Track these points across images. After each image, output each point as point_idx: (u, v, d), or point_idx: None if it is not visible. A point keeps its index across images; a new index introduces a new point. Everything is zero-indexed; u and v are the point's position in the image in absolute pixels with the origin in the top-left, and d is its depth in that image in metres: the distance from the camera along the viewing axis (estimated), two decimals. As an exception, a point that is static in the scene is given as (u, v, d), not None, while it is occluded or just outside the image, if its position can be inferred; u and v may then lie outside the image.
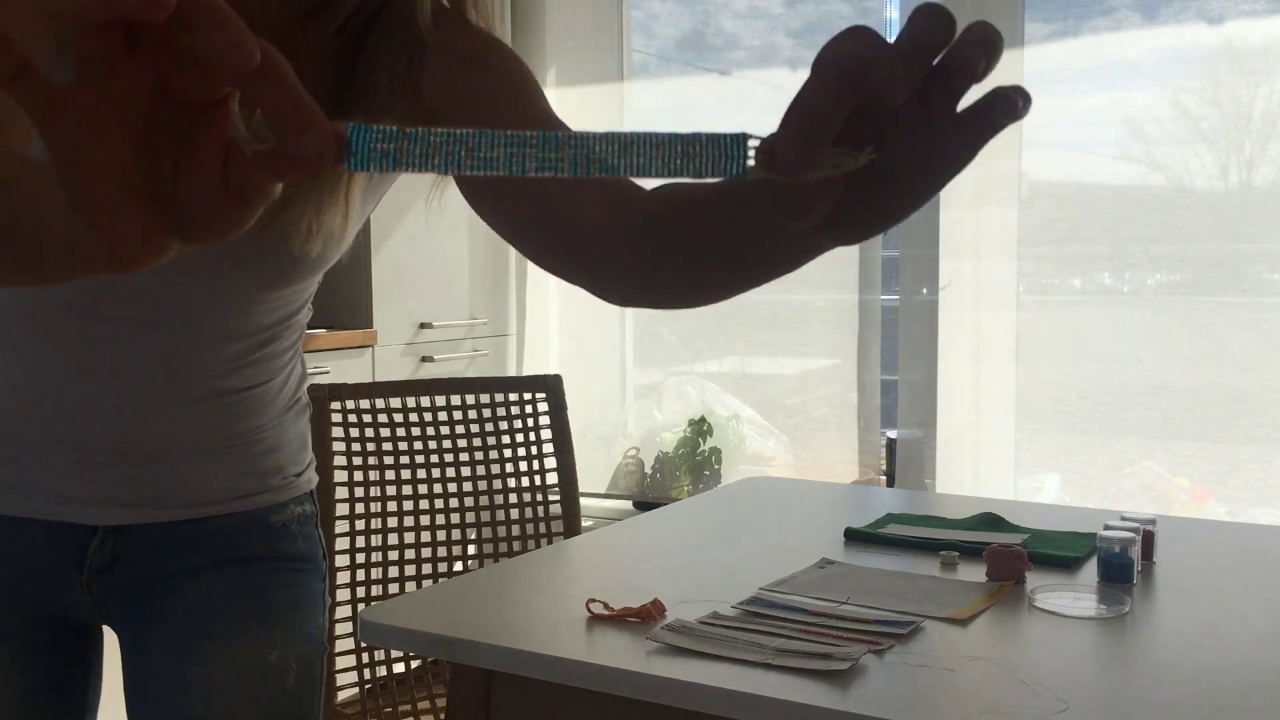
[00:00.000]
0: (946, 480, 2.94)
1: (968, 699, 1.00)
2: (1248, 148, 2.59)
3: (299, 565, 1.13)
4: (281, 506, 1.12)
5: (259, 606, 1.10)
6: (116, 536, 1.05)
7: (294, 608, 1.12)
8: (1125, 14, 2.71)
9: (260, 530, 1.10)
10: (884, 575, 1.37)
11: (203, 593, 1.08)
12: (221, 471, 1.07)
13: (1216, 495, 2.69)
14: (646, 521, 1.69)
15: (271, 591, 1.11)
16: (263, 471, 1.10)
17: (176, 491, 1.05)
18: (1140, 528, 1.40)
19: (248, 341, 1.04)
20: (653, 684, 1.04)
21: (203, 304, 1.00)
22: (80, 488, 1.02)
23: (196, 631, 1.08)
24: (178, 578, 1.08)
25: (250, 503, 1.10)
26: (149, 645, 1.09)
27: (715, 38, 3.24)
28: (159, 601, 1.08)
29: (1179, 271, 2.69)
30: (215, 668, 1.08)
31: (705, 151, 0.44)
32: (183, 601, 1.08)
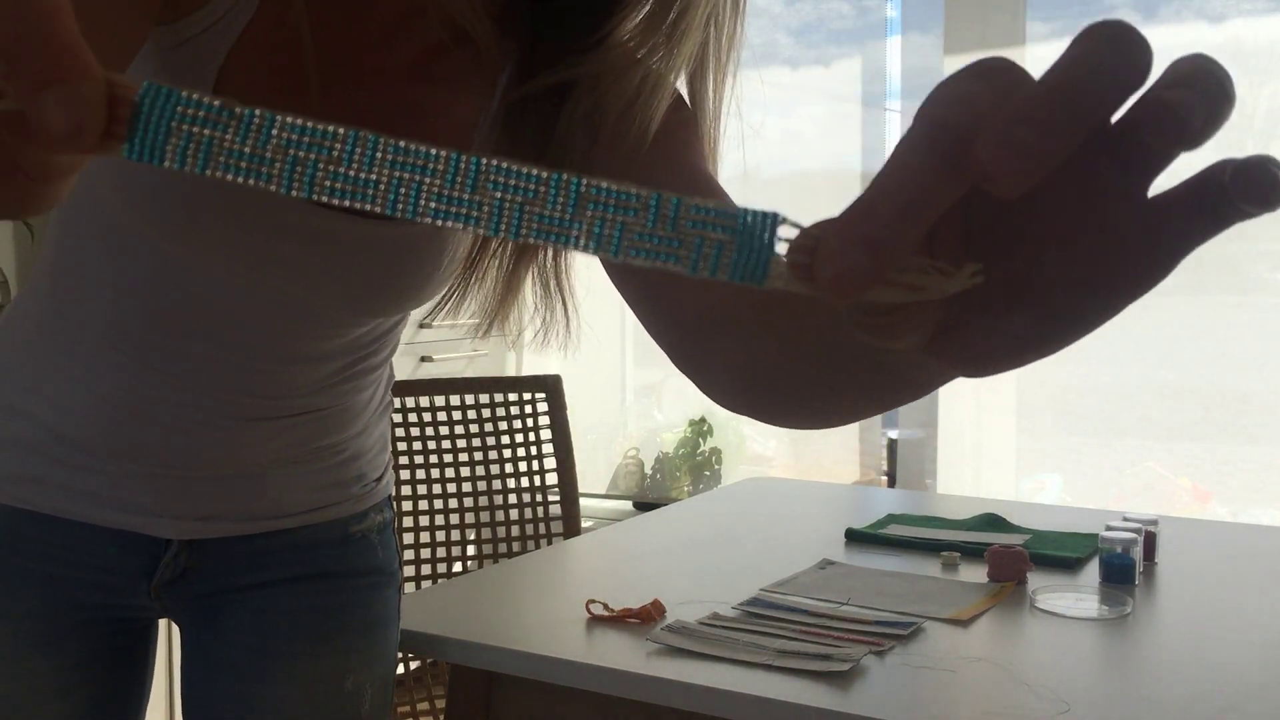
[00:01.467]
0: (947, 481, 2.93)
1: (969, 700, 1.00)
2: (1249, 147, 2.59)
3: (377, 579, 1.07)
4: (362, 516, 1.06)
5: (335, 628, 1.05)
6: (191, 550, 1.00)
7: (371, 627, 1.07)
8: (1124, 14, 2.70)
9: (339, 543, 1.05)
10: (885, 576, 1.36)
11: (277, 608, 1.03)
12: (303, 484, 1.01)
13: (1218, 495, 2.68)
14: (646, 522, 1.68)
15: (348, 611, 1.05)
16: (345, 481, 1.04)
17: (255, 505, 1.00)
18: (1142, 528, 1.40)
19: (343, 360, 0.98)
20: (653, 685, 1.04)
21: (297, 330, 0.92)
22: (155, 501, 0.97)
23: (269, 650, 1.03)
24: (251, 591, 1.03)
25: (331, 513, 1.04)
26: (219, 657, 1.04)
27: (716, 37, 3.23)
28: (231, 612, 1.03)
29: (1180, 271, 2.66)
30: (288, 690, 1.04)
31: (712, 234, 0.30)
32: (255, 615, 1.03)
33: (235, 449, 0.96)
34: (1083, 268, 0.32)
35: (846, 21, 3.08)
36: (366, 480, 1.06)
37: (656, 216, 0.29)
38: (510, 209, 0.29)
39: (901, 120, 3.00)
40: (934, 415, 2.95)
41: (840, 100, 3.10)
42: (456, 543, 2.04)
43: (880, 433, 3.11)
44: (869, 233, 0.28)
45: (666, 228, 0.29)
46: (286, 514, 1.01)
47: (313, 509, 1.02)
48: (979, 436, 2.92)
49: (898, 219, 0.28)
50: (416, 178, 0.29)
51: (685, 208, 0.29)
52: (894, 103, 3.01)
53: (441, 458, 2.04)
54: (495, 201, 0.29)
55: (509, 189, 0.29)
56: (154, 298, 0.89)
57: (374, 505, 1.07)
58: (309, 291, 0.87)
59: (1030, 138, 0.26)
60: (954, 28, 2.87)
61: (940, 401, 2.93)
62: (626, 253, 0.29)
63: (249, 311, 0.89)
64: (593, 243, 0.29)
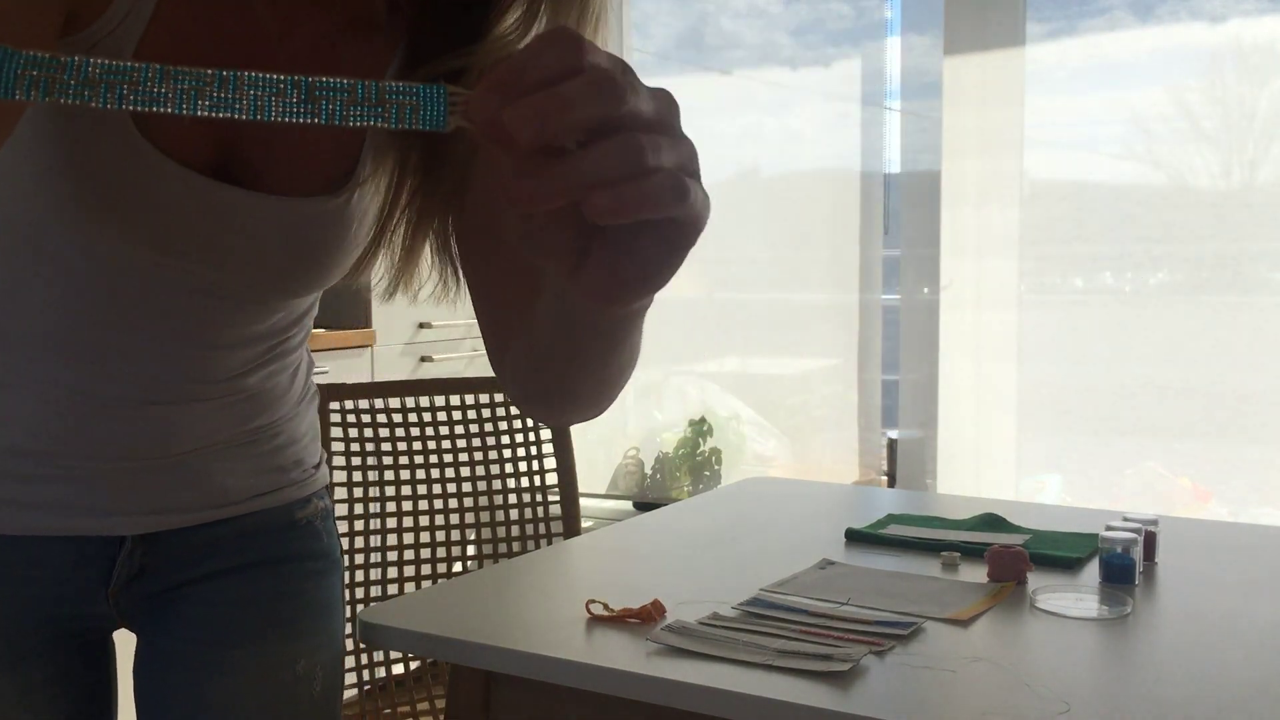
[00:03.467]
0: (948, 481, 2.93)
1: (969, 700, 1.00)
2: (1250, 147, 2.59)
3: (324, 565, 1.11)
4: (304, 502, 1.10)
5: (285, 613, 1.07)
6: (145, 546, 1.03)
7: (320, 612, 1.10)
8: (1125, 13, 2.70)
9: (285, 529, 1.08)
10: (885, 576, 1.36)
11: (228, 599, 1.06)
12: (245, 469, 1.05)
13: (1219, 495, 2.68)
14: (646, 522, 1.68)
15: (298, 597, 1.08)
16: (284, 466, 1.08)
17: (202, 493, 1.03)
18: (1142, 528, 1.40)
19: (267, 343, 1.03)
20: (653, 685, 1.04)
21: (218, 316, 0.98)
22: (108, 499, 1.00)
23: (221, 641, 1.05)
24: (202, 583, 1.05)
25: (274, 499, 1.08)
26: (171, 654, 1.06)
27: (714, 37, 3.23)
28: (183, 608, 1.06)
29: (1181, 271, 2.68)
30: (240, 680, 1.06)
31: (404, 100, 0.46)
32: (207, 608, 1.06)
33: (176, 431, 0.99)
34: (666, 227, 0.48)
35: (845, 22, 3.08)
36: (305, 466, 1.10)
37: (363, 95, 0.45)
38: (263, 101, 0.43)
39: (901, 120, 3.00)
40: (934, 415, 2.95)
41: (839, 100, 3.09)
42: (456, 543, 2.04)
43: (880, 433, 3.11)
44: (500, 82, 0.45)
45: (372, 99, 0.45)
46: (232, 501, 1.04)
47: (257, 494, 1.06)
48: (979, 436, 2.92)
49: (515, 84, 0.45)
50: (195, 87, 0.42)
51: (383, 88, 0.45)
52: (893, 102, 3.01)
53: (441, 458, 2.04)
54: (251, 98, 0.43)
55: (260, 88, 0.43)
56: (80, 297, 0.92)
57: (315, 492, 1.11)
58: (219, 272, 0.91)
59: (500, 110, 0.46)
60: (953, 28, 2.87)
61: (940, 401, 2.93)
62: (346, 120, 0.45)
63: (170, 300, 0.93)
64: (323, 116, 0.44)
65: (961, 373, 2.92)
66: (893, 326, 3.05)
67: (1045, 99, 2.79)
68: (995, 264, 2.87)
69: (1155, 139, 2.68)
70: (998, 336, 2.88)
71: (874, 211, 3.06)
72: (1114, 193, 2.75)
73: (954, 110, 2.86)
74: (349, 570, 1.90)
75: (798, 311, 3.17)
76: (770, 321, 3.22)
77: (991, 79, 2.83)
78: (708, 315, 3.31)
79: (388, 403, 2.01)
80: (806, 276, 3.14)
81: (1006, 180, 2.84)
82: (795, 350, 3.19)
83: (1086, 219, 2.78)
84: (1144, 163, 2.70)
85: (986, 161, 2.84)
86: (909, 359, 3.01)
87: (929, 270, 2.95)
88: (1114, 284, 2.78)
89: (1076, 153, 2.79)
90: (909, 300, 3.00)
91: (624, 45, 3.35)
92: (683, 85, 3.30)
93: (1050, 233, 2.81)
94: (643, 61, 3.35)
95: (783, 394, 3.24)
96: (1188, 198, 2.66)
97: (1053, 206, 2.81)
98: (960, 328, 2.91)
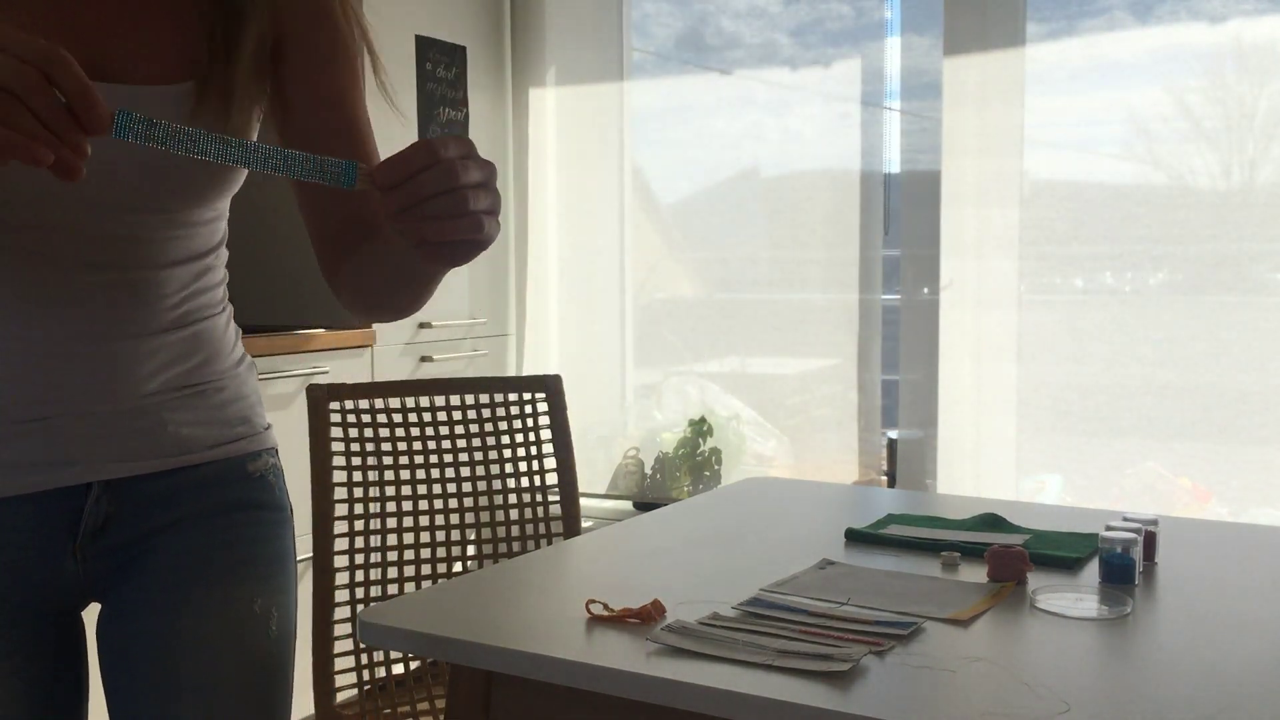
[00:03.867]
0: (947, 481, 2.93)
1: (969, 700, 1.00)
2: (1250, 147, 2.59)
3: (278, 515, 1.19)
4: (256, 455, 1.18)
5: (242, 557, 1.14)
6: (109, 494, 1.08)
7: (274, 559, 1.17)
8: (1124, 14, 2.70)
9: (239, 480, 1.16)
10: (885, 576, 1.36)
11: (188, 545, 1.12)
12: (195, 418, 1.12)
13: (1219, 495, 2.68)
14: (646, 522, 1.68)
15: (253, 543, 1.15)
16: (231, 420, 1.16)
17: (160, 442, 1.10)
18: (1142, 528, 1.40)
19: (189, 269, 1.12)
20: (653, 685, 1.04)
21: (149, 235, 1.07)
22: (69, 447, 1.05)
23: (183, 583, 1.11)
24: (164, 532, 1.11)
25: (227, 450, 1.15)
26: (136, 603, 1.11)
27: (714, 37, 3.23)
28: (146, 557, 1.11)
29: (1181, 271, 2.68)
30: (202, 619, 1.11)
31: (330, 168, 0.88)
32: (169, 555, 1.11)
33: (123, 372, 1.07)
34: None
35: (845, 22, 3.08)
36: (253, 424, 1.19)
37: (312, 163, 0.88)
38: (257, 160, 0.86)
39: (901, 120, 3.00)
40: (934, 415, 2.95)
41: (839, 100, 3.10)
42: (456, 543, 2.04)
43: (880, 433, 3.11)
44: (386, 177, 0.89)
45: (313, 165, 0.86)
46: (188, 450, 1.12)
47: (213, 445, 1.14)
48: (979, 436, 2.92)
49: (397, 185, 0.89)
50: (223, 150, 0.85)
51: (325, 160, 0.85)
52: (893, 103, 3.01)
53: (442, 458, 2.04)
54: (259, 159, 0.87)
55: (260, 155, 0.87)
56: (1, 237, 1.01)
57: (265, 449, 1.19)
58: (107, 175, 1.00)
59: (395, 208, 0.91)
60: (953, 28, 2.87)
61: (940, 402, 2.93)
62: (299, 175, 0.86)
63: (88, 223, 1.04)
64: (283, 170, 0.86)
65: (961, 373, 2.92)
66: (893, 327, 3.05)
67: (1045, 99, 2.79)
68: (995, 264, 2.87)
69: (1155, 139, 2.68)
70: (998, 336, 2.89)
71: (874, 212, 3.06)
72: (1114, 193, 2.75)
73: (954, 110, 2.86)
74: (348, 570, 1.90)
75: (798, 311, 3.17)
76: (770, 321, 3.22)
77: (991, 79, 2.83)
78: (708, 315, 3.31)
79: (388, 403, 2.01)
80: (806, 276, 3.14)
81: (1006, 180, 2.84)
82: (795, 350, 3.19)
83: (1086, 219, 2.78)
84: (1144, 163, 2.70)
85: (986, 162, 2.84)
86: (909, 359, 3.01)
87: (929, 270, 2.96)
88: (1114, 284, 2.78)
89: (1076, 153, 2.79)
90: (909, 300, 3.00)
91: (625, 45, 3.35)
92: (683, 85, 3.30)
93: (1050, 233, 2.81)
94: (643, 61, 3.35)
95: (783, 394, 3.24)
96: (1188, 198, 2.66)
97: (1053, 207, 2.81)
98: (960, 328, 2.91)
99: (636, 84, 3.36)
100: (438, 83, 3.13)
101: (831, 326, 3.12)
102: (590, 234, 3.44)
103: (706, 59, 3.24)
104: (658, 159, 3.39)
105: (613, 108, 3.36)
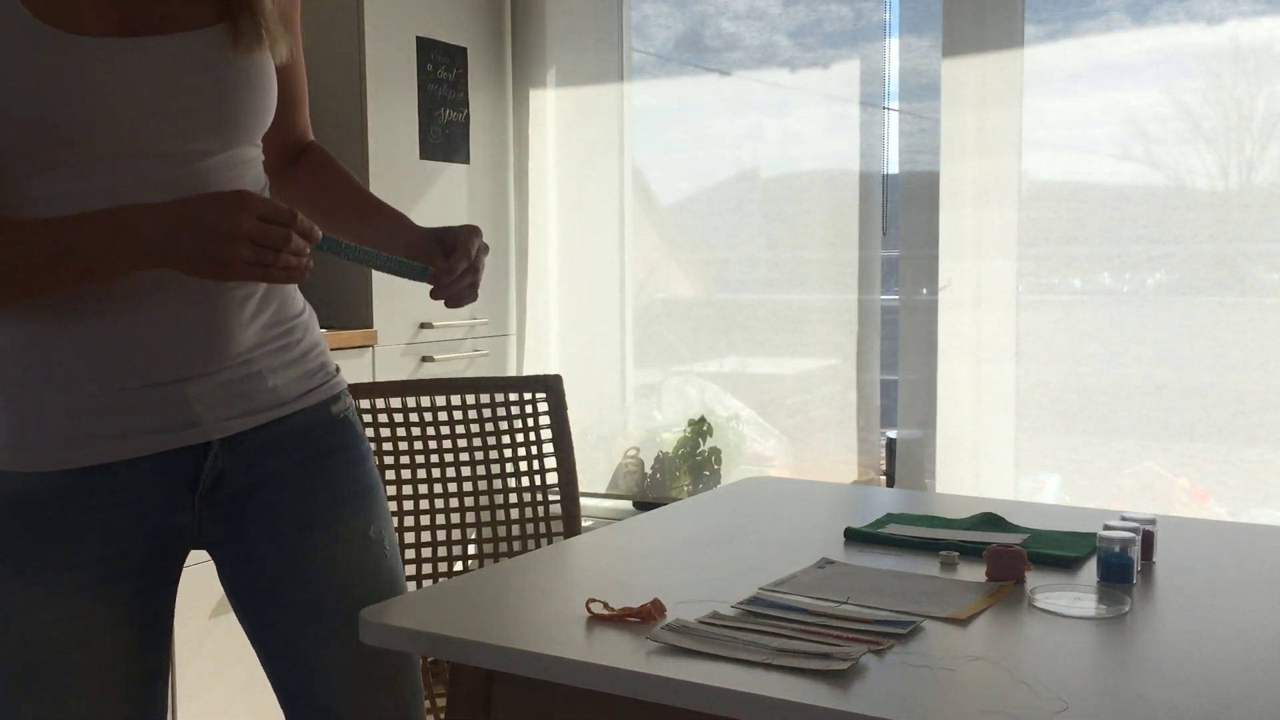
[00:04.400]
0: (946, 480, 2.94)
1: (968, 699, 1.00)
2: (1248, 148, 2.59)
3: (364, 451, 1.34)
4: (336, 398, 1.32)
5: (349, 493, 1.29)
6: (226, 449, 1.21)
7: (369, 490, 1.32)
8: (1122, 15, 2.71)
9: (328, 424, 1.30)
10: (884, 575, 1.37)
11: (298, 490, 1.26)
12: (286, 370, 1.26)
13: (1216, 495, 2.69)
14: (646, 521, 1.69)
15: (351, 481, 1.30)
16: (312, 369, 1.30)
17: (263, 396, 1.23)
18: (1140, 527, 1.40)
19: None
20: (653, 684, 1.04)
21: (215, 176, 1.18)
22: (190, 410, 1.18)
23: (300, 525, 1.25)
24: (271, 482, 1.25)
25: (315, 396, 1.29)
26: (262, 547, 1.25)
27: (714, 38, 3.24)
28: (257, 508, 1.24)
29: (1179, 271, 2.69)
30: (324, 542, 1.26)
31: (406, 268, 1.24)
32: (280, 502, 1.25)
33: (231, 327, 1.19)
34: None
35: (844, 24, 3.08)
36: (328, 369, 1.33)
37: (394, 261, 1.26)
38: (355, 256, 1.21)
39: (900, 121, 3.00)
40: (933, 415, 2.95)
41: (838, 101, 3.10)
42: (457, 542, 2.05)
43: (879, 432, 3.12)
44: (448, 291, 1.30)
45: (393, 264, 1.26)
46: (285, 402, 1.25)
47: (302, 394, 1.27)
48: (978, 436, 2.93)
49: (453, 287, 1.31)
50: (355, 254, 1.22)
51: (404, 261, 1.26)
52: (892, 104, 3.02)
53: (442, 458, 2.05)
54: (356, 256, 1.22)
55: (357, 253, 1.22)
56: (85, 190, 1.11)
57: (342, 392, 1.34)
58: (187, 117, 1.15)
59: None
60: (951, 30, 2.87)
61: (939, 401, 2.94)
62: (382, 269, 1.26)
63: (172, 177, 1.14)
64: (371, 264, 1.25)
65: (960, 373, 2.93)
66: (892, 327, 3.05)
67: (1043, 100, 2.80)
68: (994, 264, 2.88)
69: (1153, 140, 2.69)
70: (996, 337, 2.89)
71: (873, 212, 3.06)
72: (1112, 193, 2.76)
73: (952, 111, 2.86)
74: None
75: (797, 311, 3.17)
76: (770, 321, 3.22)
77: (990, 80, 2.83)
78: (708, 315, 3.32)
79: (388, 402, 2.01)
80: (806, 277, 3.14)
81: (1005, 181, 2.85)
82: (794, 350, 3.20)
83: (1084, 220, 2.78)
84: (1142, 164, 2.71)
85: (985, 162, 2.85)
86: (908, 359, 3.01)
87: (928, 271, 2.96)
88: (1112, 284, 2.79)
89: (1074, 154, 2.79)
90: (908, 301, 3.01)
91: (625, 46, 3.36)
92: (682, 86, 3.30)
93: (1048, 233, 2.82)
94: (643, 63, 3.36)
95: (782, 394, 3.25)
96: (1186, 199, 2.67)
97: (1051, 207, 2.82)
98: (959, 328, 2.92)
99: (636, 85, 3.37)
100: (438, 84, 3.14)
101: (830, 327, 3.13)
102: (590, 234, 3.44)
103: (706, 60, 3.25)
104: (658, 160, 3.39)
105: (613, 109, 3.36)
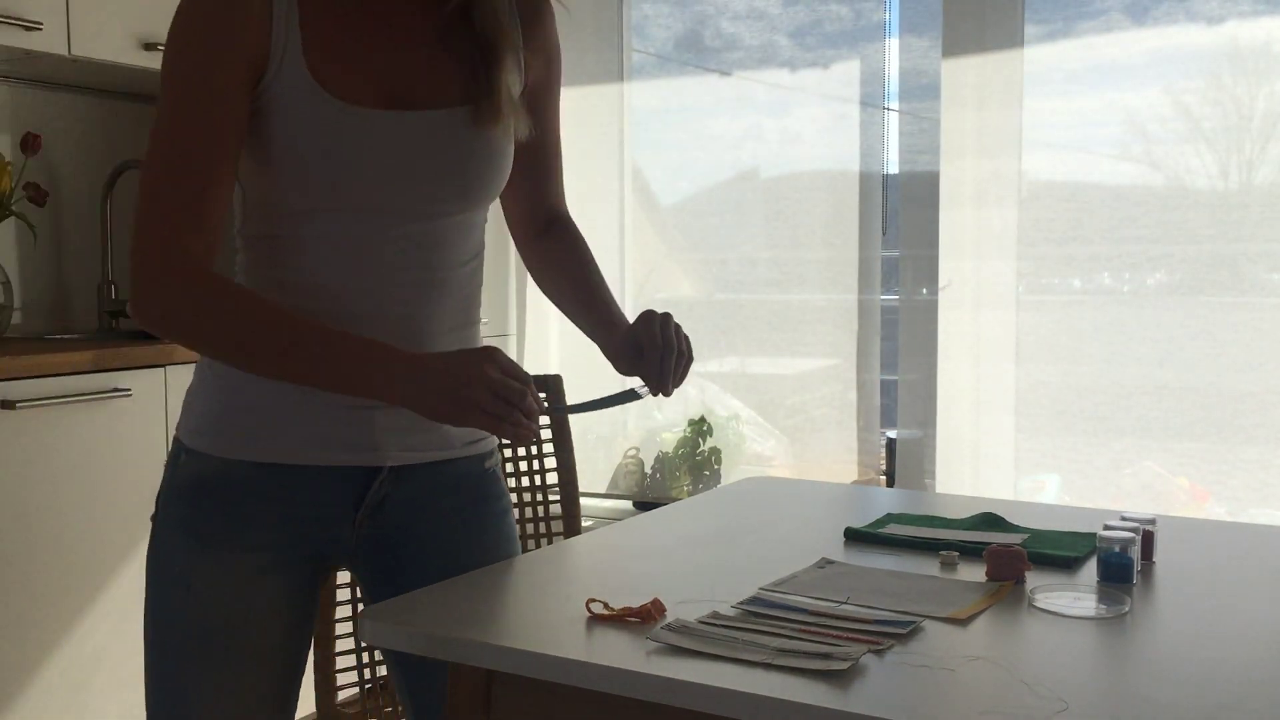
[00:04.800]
0: (946, 480, 2.94)
1: (967, 699, 1.00)
2: (1248, 148, 2.59)
3: (506, 504, 1.41)
4: (489, 454, 1.40)
5: (493, 540, 1.37)
6: (394, 477, 1.29)
7: (511, 539, 1.41)
8: (1121, 16, 2.71)
9: (480, 475, 1.38)
10: (884, 575, 1.37)
11: (449, 528, 1.34)
12: None
13: (1216, 495, 2.69)
14: (646, 521, 1.69)
15: (500, 529, 1.39)
16: None
17: (435, 435, 1.31)
18: (1140, 527, 1.40)
19: (469, 269, 1.33)
20: (653, 684, 1.04)
21: (445, 236, 1.28)
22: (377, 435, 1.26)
23: (444, 565, 1.32)
24: (427, 516, 1.32)
25: (475, 448, 1.37)
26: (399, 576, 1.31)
27: (714, 39, 3.24)
28: (410, 538, 1.32)
29: (1179, 271, 2.69)
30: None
31: (622, 398, 1.35)
32: (431, 536, 1.33)
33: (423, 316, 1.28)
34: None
35: (844, 24, 3.08)
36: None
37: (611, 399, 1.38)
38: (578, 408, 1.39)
39: (900, 121, 3.00)
40: (933, 415, 2.96)
41: (838, 101, 3.10)
42: (456, 543, 2.04)
43: (879, 432, 3.12)
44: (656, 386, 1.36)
45: (610, 403, 1.37)
46: (451, 446, 1.34)
47: (467, 443, 1.35)
48: (978, 436, 2.93)
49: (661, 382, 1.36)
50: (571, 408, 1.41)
51: (616, 396, 1.37)
52: (892, 104, 3.02)
53: (441, 458, 2.04)
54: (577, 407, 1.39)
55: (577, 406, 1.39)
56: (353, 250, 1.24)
57: (494, 448, 1.42)
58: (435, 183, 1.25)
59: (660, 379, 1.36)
60: (951, 30, 2.87)
61: (939, 401, 2.94)
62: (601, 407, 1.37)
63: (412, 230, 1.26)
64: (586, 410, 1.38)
65: (960, 373, 2.93)
66: (891, 327, 3.05)
67: (1043, 100, 2.80)
68: (993, 264, 2.88)
69: (1153, 140, 2.69)
70: (996, 337, 2.89)
71: (873, 212, 3.06)
72: (1112, 194, 2.76)
73: (952, 111, 2.86)
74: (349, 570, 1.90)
75: (797, 311, 3.17)
76: (770, 321, 3.22)
77: (990, 80, 2.83)
78: (707, 315, 3.32)
79: (388, 403, 2.01)
80: (806, 277, 3.14)
81: (1005, 181, 2.85)
82: (794, 350, 3.20)
83: (1084, 220, 2.78)
84: (1142, 164, 2.71)
85: (985, 162, 2.85)
86: (907, 359, 3.01)
87: (927, 271, 2.96)
88: (1112, 284, 2.79)
89: (1074, 154, 2.80)
90: (907, 300, 3.01)
91: (624, 47, 3.36)
92: (682, 86, 3.30)
93: (1048, 233, 2.82)
94: (642, 63, 3.36)
95: (782, 394, 3.25)
96: (1185, 199, 2.67)
97: (1051, 207, 2.82)
98: (959, 328, 2.92)
99: (636, 85, 3.37)
100: (437, 84, 3.13)
101: (830, 327, 3.13)
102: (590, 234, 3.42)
103: (706, 60, 3.25)
104: (658, 160, 3.39)
105: (613, 108, 3.36)
